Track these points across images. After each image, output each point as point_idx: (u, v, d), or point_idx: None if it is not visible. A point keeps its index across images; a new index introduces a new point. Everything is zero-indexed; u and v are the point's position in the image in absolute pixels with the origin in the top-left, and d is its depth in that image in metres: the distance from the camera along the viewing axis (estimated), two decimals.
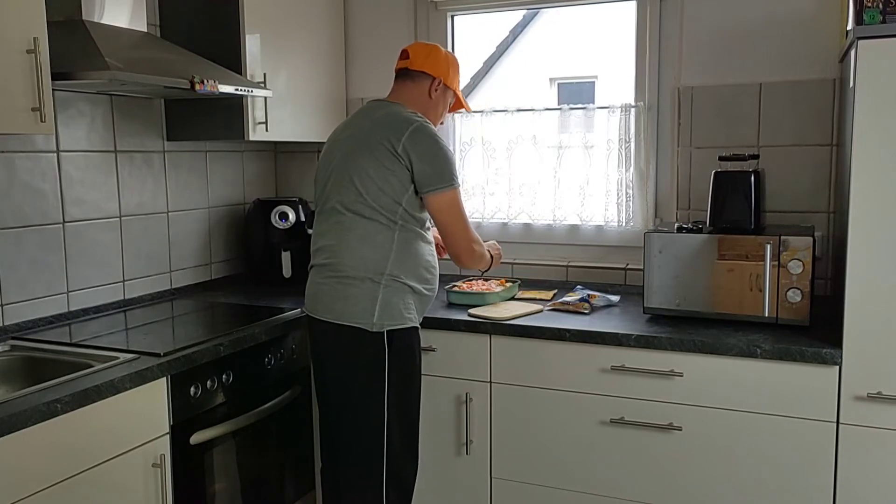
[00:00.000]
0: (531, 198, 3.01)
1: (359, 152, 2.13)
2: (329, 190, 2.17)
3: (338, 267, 2.13)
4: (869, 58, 1.95)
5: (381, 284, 2.11)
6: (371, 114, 2.21)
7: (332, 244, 2.14)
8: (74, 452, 1.75)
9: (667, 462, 2.27)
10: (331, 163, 2.19)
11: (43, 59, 1.89)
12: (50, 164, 2.37)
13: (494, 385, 2.46)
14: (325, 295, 2.15)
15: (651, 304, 2.40)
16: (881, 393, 2.01)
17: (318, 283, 2.17)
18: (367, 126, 2.17)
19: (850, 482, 2.08)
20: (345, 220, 2.13)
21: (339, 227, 2.14)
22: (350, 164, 2.13)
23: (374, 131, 2.14)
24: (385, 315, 2.11)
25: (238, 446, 2.28)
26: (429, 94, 2.27)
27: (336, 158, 2.18)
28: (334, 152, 2.20)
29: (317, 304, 2.17)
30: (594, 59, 6.22)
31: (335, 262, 2.13)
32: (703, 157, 2.73)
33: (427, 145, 2.11)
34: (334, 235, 2.14)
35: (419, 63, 2.26)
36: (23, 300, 2.30)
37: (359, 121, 2.23)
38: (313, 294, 2.19)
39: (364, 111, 2.26)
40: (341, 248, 2.13)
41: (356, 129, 2.19)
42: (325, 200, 2.19)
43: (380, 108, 2.22)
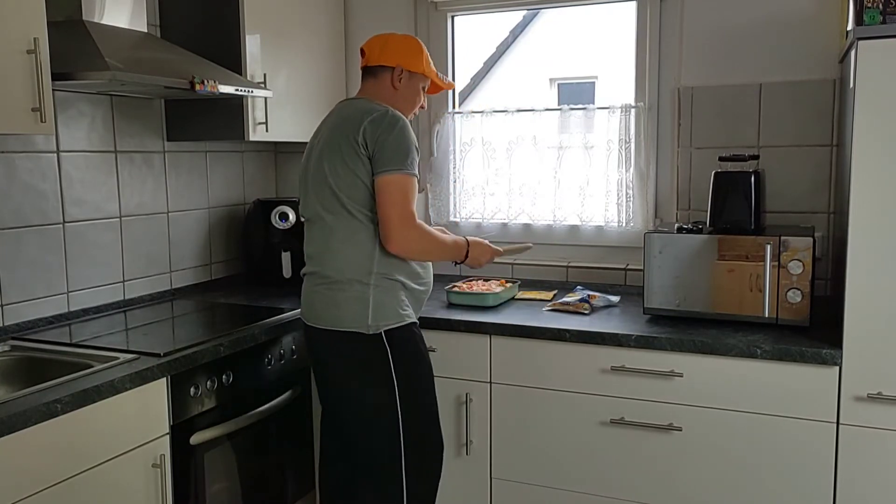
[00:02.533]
0: (531, 198, 3.01)
1: (328, 152, 2.09)
2: (309, 196, 2.15)
3: (325, 273, 2.10)
4: (869, 58, 1.95)
5: (371, 285, 2.07)
6: (337, 114, 2.17)
7: (318, 250, 2.12)
8: (74, 453, 1.75)
9: (667, 462, 2.27)
10: (308, 169, 2.17)
11: (43, 59, 1.89)
12: (50, 164, 2.37)
13: (494, 385, 2.46)
14: (317, 303, 2.12)
15: (651, 305, 2.40)
16: (881, 393, 2.01)
17: (310, 292, 2.15)
18: (332, 126, 2.14)
19: (850, 482, 2.08)
20: (325, 224, 2.10)
21: (322, 231, 2.11)
22: (322, 165, 2.10)
23: (338, 128, 2.10)
24: (379, 316, 2.07)
25: (238, 446, 2.27)
26: (392, 86, 2.19)
27: (312, 163, 2.15)
28: (310, 158, 2.17)
29: (311, 312, 2.14)
30: (594, 60, 6.23)
31: (321, 268, 2.11)
32: (703, 158, 2.73)
33: (384, 130, 2.04)
34: (319, 241, 2.12)
35: (375, 57, 2.19)
36: (23, 300, 2.30)
37: (327, 123, 2.19)
38: (308, 302, 2.16)
39: (333, 112, 2.21)
40: (326, 253, 2.10)
41: (326, 131, 2.15)
42: (306, 207, 2.17)
43: (347, 107, 2.17)
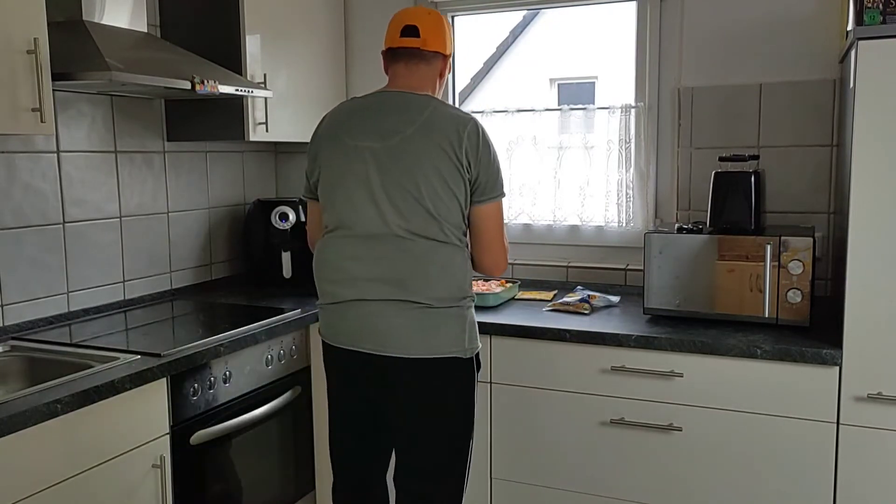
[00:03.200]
0: (531, 198, 3.01)
1: (416, 165, 1.84)
2: (377, 210, 1.87)
3: (420, 300, 1.86)
4: (869, 58, 1.95)
5: (465, 307, 1.94)
6: (403, 110, 1.90)
7: (406, 276, 1.87)
8: (74, 453, 1.75)
9: (667, 463, 2.27)
10: (360, 177, 1.88)
11: (43, 59, 1.89)
12: (50, 164, 2.37)
13: (494, 385, 2.46)
14: (404, 329, 1.87)
15: (651, 305, 2.40)
16: (881, 393, 2.01)
17: (389, 317, 1.88)
18: (408, 128, 1.87)
19: (850, 483, 2.08)
20: (415, 247, 1.86)
21: (409, 255, 1.87)
22: (408, 181, 1.85)
23: (425, 136, 1.85)
24: (473, 338, 1.96)
25: (238, 447, 2.27)
26: (441, 75, 2.01)
27: (373, 172, 1.87)
28: (364, 162, 1.88)
29: (388, 340, 1.88)
30: (594, 60, 6.23)
31: (415, 295, 1.86)
32: (703, 158, 2.73)
33: (483, 149, 1.89)
34: (404, 265, 1.87)
35: (433, 42, 1.94)
36: (23, 300, 2.30)
37: (389, 121, 1.89)
38: (380, 330, 1.88)
39: (389, 107, 1.92)
40: (418, 278, 1.87)
41: (393, 134, 1.87)
42: (367, 225, 1.88)
43: (410, 102, 1.91)
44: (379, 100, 1.95)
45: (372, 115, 1.92)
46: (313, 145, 2.02)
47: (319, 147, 1.99)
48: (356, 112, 1.95)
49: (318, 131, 2.02)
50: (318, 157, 1.98)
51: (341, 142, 1.92)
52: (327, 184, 1.95)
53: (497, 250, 1.99)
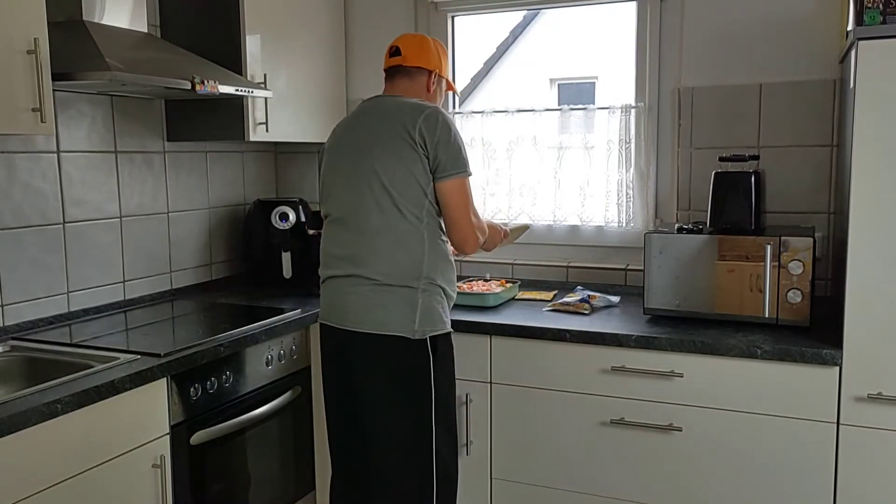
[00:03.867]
0: (531, 198, 3.01)
1: (378, 149, 2.03)
2: (346, 194, 2.06)
3: (370, 275, 2.01)
4: (869, 58, 1.95)
5: (419, 289, 2.02)
6: (375, 110, 2.11)
7: (359, 252, 2.03)
8: (74, 453, 1.75)
9: (667, 463, 2.27)
10: (339, 167, 2.10)
11: (43, 59, 1.89)
12: (50, 164, 2.37)
13: (494, 385, 2.46)
14: (356, 304, 2.03)
15: (651, 305, 2.40)
16: (881, 393, 2.01)
17: (347, 293, 2.04)
18: (375, 122, 2.08)
19: (850, 483, 2.08)
20: (369, 224, 2.03)
21: (363, 232, 2.03)
22: (369, 163, 2.03)
23: (385, 124, 2.05)
24: (426, 321, 2.03)
25: (238, 447, 2.27)
26: (427, 89, 2.20)
27: (350, 160, 2.08)
28: (345, 154, 2.10)
29: (346, 315, 2.04)
30: (594, 60, 6.23)
31: (364, 270, 2.02)
32: (703, 158, 2.73)
33: (442, 129, 2.02)
34: (360, 242, 2.04)
35: (413, 59, 2.17)
36: (23, 300, 2.30)
37: (363, 120, 2.12)
38: (341, 305, 2.05)
39: (366, 110, 2.15)
40: (371, 255, 2.02)
41: (364, 129, 2.09)
42: (339, 205, 2.08)
43: (383, 103, 2.13)
44: (366, 104, 2.18)
45: (357, 116, 2.16)
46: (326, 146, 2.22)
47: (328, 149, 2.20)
48: (353, 115, 2.19)
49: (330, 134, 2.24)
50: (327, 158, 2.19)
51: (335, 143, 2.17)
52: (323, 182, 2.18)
53: (464, 227, 2.09)
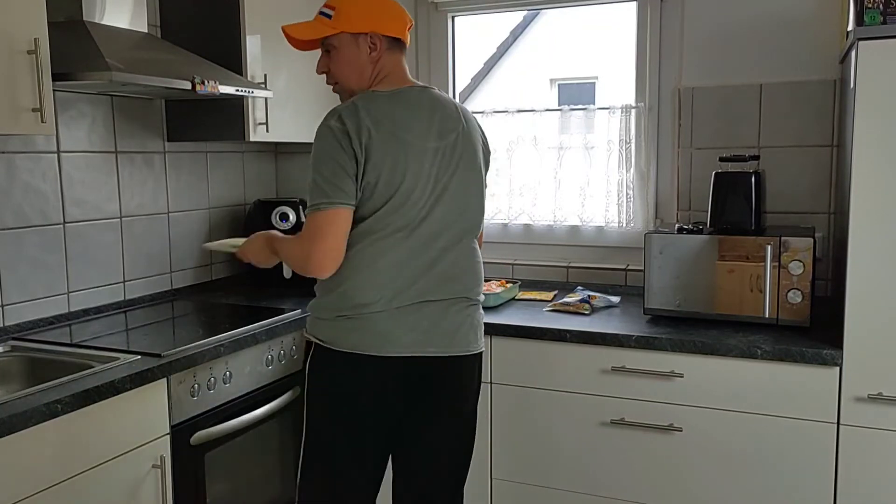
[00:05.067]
0: (532, 199, 3.01)
1: (471, 166, 1.88)
2: (449, 210, 1.82)
3: (471, 296, 1.89)
4: (869, 59, 1.95)
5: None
6: (440, 108, 1.85)
7: (462, 272, 1.87)
8: (74, 453, 1.75)
9: (667, 463, 2.27)
10: (433, 176, 1.80)
11: (44, 59, 1.89)
12: (50, 164, 2.37)
13: (495, 385, 2.46)
14: (467, 327, 1.87)
15: (651, 305, 2.40)
16: (882, 394, 2.01)
17: (456, 315, 1.85)
18: (457, 125, 1.86)
19: (850, 483, 2.08)
20: (468, 244, 1.89)
21: (463, 251, 1.88)
22: (468, 179, 1.86)
23: (470, 137, 1.89)
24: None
25: (238, 447, 2.27)
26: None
27: (440, 170, 1.81)
28: (431, 162, 1.79)
29: (459, 340, 1.85)
30: (595, 60, 6.23)
31: (467, 291, 1.88)
32: (703, 158, 2.73)
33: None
34: (462, 262, 1.87)
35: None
36: (23, 300, 2.30)
37: (438, 118, 1.83)
38: (452, 330, 1.84)
39: (428, 103, 1.85)
40: (471, 275, 1.90)
41: (449, 131, 1.84)
42: (443, 223, 1.81)
43: (439, 99, 1.88)
44: (419, 96, 1.85)
45: (426, 114, 1.83)
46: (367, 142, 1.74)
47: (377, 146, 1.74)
48: (411, 109, 1.81)
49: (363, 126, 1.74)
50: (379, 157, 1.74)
51: (405, 142, 1.77)
52: (393, 184, 1.76)
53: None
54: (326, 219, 1.73)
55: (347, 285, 1.77)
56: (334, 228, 1.74)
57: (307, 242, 1.75)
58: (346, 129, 1.73)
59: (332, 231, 1.74)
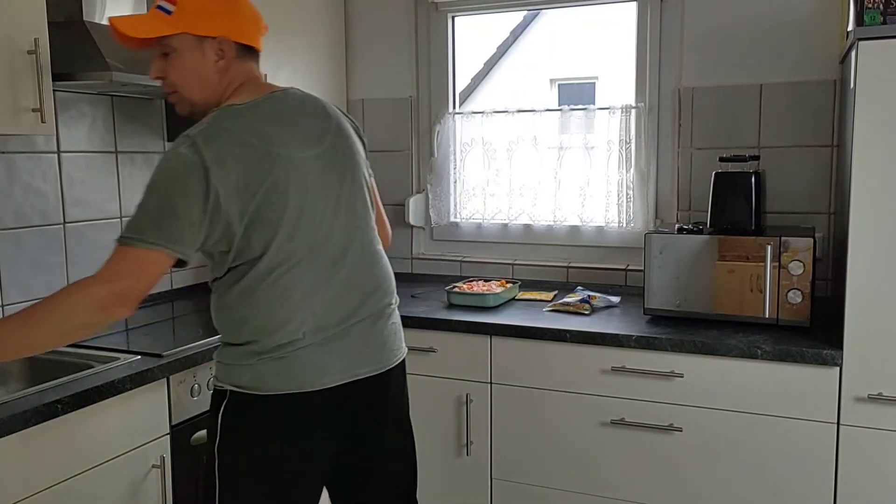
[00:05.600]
0: (532, 199, 3.01)
1: (354, 164, 1.70)
2: (348, 220, 1.65)
3: (392, 300, 1.76)
4: (869, 59, 1.95)
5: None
6: (306, 110, 1.67)
7: (382, 277, 1.73)
8: (74, 453, 1.75)
9: (667, 463, 2.27)
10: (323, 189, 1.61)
11: (44, 59, 1.89)
12: (51, 164, 2.37)
13: (495, 386, 2.46)
14: (396, 335, 1.76)
15: (651, 305, 2.40)
16: (882, 394, 2.01)
17: (386, 325, 1.72)
18: (328, 124, 1.68)
19: (850, 483, 2.08)
20: (376, 246, 1.74)
21: (376, 256, 1.73)
22: (356, 180, 1.69)
23: (342, 129, 1.70)
24: None
25: None
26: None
27: (329, 177, 1.63)
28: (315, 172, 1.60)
29: (392, 351, 1.73)
30: (595, 61, 6.22)
31: (390, 296, 1.75)
32: (703, 158, 2.73)
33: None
34: (379, 267, 1.73)
35: None
36: (23, 301, 2.29)
37: (308, 122, 1.65)
38: (383, 342, 1.70)
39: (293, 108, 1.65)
40: (388, 277, 1.75)
41: (323, 134, 1.65)
42: (343, 234, 1.64)
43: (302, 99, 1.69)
44: (282, 102, 1.63)
45: (297, 120, 1.63)
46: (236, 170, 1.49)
47: (250, 172, 1.51)
48: (279, 119, 1.60)
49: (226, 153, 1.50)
50: (256, 183, 1.51)
51: (281, 157, 1.55)
52: (279, 209, 1.54)
53: (387, 221, 1.92)
54: (150, 259, 1.48)
55: (263, 327, 1.56)
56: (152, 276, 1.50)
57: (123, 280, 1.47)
58: (201, 159, 1.46)
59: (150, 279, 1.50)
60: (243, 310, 1.58)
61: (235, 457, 1.60)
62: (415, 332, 2.49)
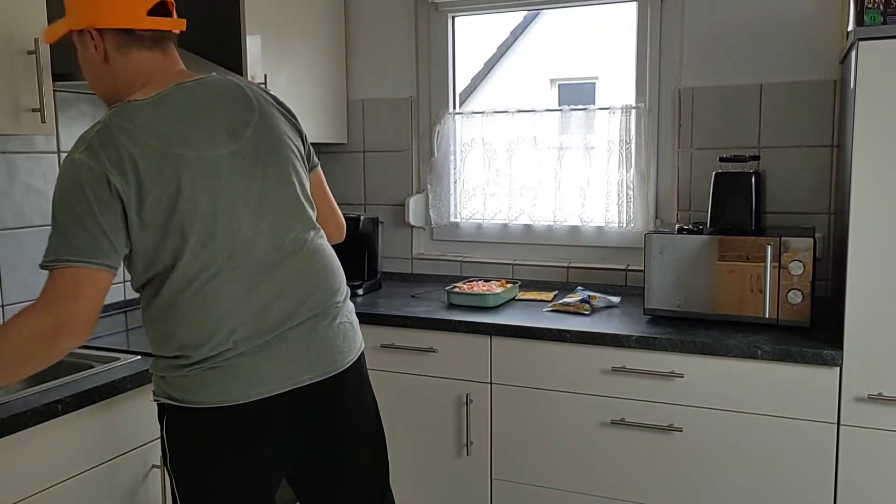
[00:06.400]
0: (532, 199, 3.01)
1: (283, 155, 1.57)
2: (273, 219, 1.54)
3: (337, 300, 1.64)
4: (869, 59, 1.95)
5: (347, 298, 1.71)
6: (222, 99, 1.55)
7: (321, 278, 1.61)
8: (74, 453, 1.75)
9: (667, 463, 2.27)
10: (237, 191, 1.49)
11: (44, 59, 1.89)
12: (51, 164, 2.37)
13: (495, 386, 2.46)
14: (347, 334, 1.65)
15: (651, 306, 2.40)
16: (882, 394, 2.01)
17: (330, 327, 1.60)
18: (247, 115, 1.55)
19: (850, 484, 2.08)
20: (311, 244, 1.61)
21: (312, 255, 1.61)
22: (284, 174, 1.57)
23: (267, 117, 1.58)
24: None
25: None
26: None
27: (249, 174, 1.51)
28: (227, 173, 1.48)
29: (342, 352, 1.63)
30: (595, 61, 6.23)
31: (333, 296, 1.63)
32: (703, 159, 2.73)
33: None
34: (316, 268, 1.61)
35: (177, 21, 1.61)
36: (24, 301, 2.29)
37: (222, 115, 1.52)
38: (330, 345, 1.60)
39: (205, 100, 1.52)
40: (330, 276, 1.64)
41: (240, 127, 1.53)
42: (271, 234, 1.53)
43: (224, 90, 1.57)
44: (191, 94, 1.52)
45: (206, 114, 1.51)
46: (133, 173, 1.40)
47: (149, 174, 1.41)
48: (184, 114, 1.49)
49: (123, 154, 1.40)
50: (158, 187, 1.42)
51: (185, 158, 1.44)
52: (188, 214, 1.44)
53: (339, 211, 1.82)
54: (79, 277, 1.39)
55: (189, 341, 1.48)
56: (96, 292, 1.42)
57: (61, 305, 1.38)
58: (99, 163, 1.38)
59: (94, 296, 1.42)
60: (168, 324, 1.50)
61: (186, 471, 1.55)
62: (415, 332, 2.49)
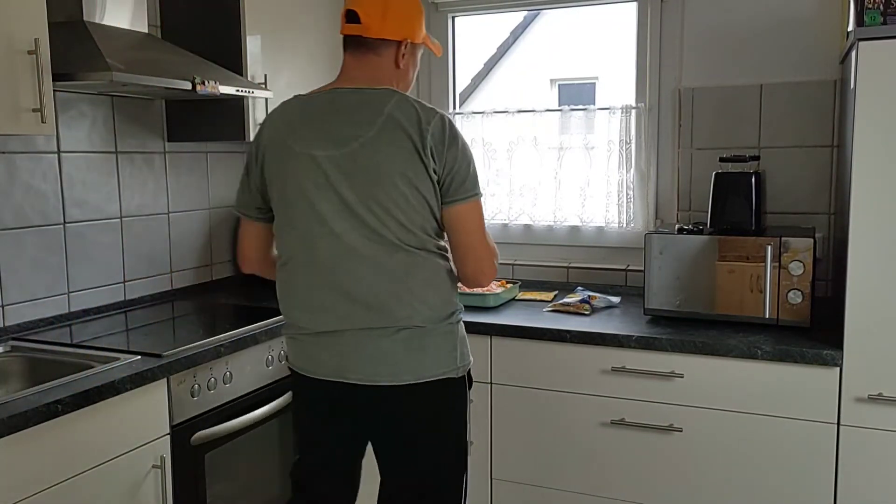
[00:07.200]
0: (532, 199, 3.01)
1: (381, 170, 1.63)
2: (339, 224, 1.65)
3: (397, 320, 1.67)
4: (870, 59, 1.95)
5: (455, 322, 1.75)
6: (357, 110, 1.66)
7: (382, 300, 1.66)
8: (74, 453, 1.75)
9: (667, 463, 2.27)
10: (325, 191, 1.65)
11: (44, 59, 1.89)
12: (51, 164, 2.37)
13: (495, 386, 2.46)
14: (388, 355, 1.67)
15: (651, 306, 2.40)
16: (882, 394, 2.01)
17: (372, 344, 1.67)
18: (365, 129, 1.64)
19: (850, 484, 2.08)
20: (392, 262, 1.66)
21: (386, 274, 1.66)
22: (375, 189, 1.63)
23: (387, 136, 1.63)
24: (464, 354, 1.77)
25: (238, 447, 2.27)
26: (396, 65, 1.73)
27: (336, 184, 1.64)
28: (321, 173, 1.65)
29: (378, 368, 1.67)
30: (595, 61, 6.24)
31: (391, 315, 1.67)
32: (703, 159, 2.73)
33: (450, 145, 1.65)
34: (382, 287, 1.66)
35: (378, 28, 1.68)
36: (23, 301, 2.30)
37: (342, 122, 1.66)
38: (368, 356, 1.67)
39: (338, 106, 1.68)
40: (401, 298, 1.67)
41: (350, 138, 1.64)
42: (336, 244, 1.65)
43: (366, 100, 1.67)
44: (330, 99, 1.69)
45: (324, 118, 1.68)
46: (259, 152, 1.76)
47: (266, 156, 1.73)
48: (307, 114, 1.69)
49: (262, 134, 1.76)
50: (266, 168, 1.74)
51: (291, 151, 1.68)
52: (282, 202, 1.71)
53: (478, 258, 1.74)
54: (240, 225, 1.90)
55: (282, 306, 1.80)
56: (249, 238, 1.90)
57: None
58: (256, 139, 1.79)
59: (249, 241, 1.91)
60: None
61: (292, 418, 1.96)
62: None
